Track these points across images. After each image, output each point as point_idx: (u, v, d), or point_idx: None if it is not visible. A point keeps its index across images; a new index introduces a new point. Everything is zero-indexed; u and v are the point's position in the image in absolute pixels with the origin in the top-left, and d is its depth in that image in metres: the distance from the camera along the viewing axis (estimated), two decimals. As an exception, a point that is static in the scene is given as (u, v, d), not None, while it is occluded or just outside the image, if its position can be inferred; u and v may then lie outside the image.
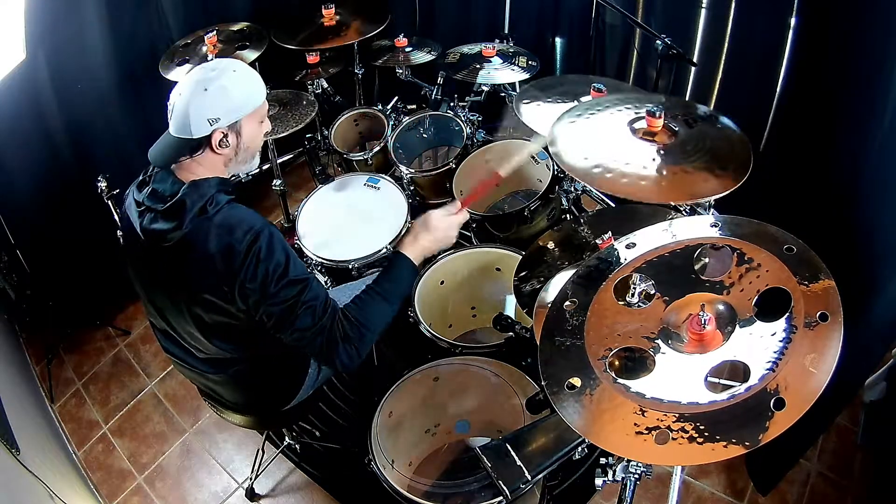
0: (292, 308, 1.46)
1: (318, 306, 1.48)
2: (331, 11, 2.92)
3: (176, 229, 1.45)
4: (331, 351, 1.49)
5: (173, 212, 1.45)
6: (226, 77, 1.47)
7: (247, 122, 1.53)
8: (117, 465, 2.56)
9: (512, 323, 1.91)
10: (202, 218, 1.45)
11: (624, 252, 1.33)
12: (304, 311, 1.46)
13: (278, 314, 1.46)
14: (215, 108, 1.46)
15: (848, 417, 2.31)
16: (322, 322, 1.48)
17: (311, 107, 2.72)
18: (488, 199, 2.78)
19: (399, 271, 1.64)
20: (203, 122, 1.45)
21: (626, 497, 1.35)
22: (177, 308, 1.59)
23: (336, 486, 2.36)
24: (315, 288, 1.50)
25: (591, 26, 3.15)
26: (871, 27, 1.95)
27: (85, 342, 3.03)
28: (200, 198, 1.46)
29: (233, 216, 1.47)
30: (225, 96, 1.46)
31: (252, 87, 1.53)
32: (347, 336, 1.49)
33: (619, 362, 1.21)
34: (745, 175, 1.52)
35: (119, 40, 2.75)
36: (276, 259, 1.45)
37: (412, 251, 1.65)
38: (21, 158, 2.63)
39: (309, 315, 1.47)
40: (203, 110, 1.45)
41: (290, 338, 1.50)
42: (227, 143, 1.51)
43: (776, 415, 0.95)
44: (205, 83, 1.45)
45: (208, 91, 1.44)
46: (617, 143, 1.69)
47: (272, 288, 1.44)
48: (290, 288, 1.46)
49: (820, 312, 1.05)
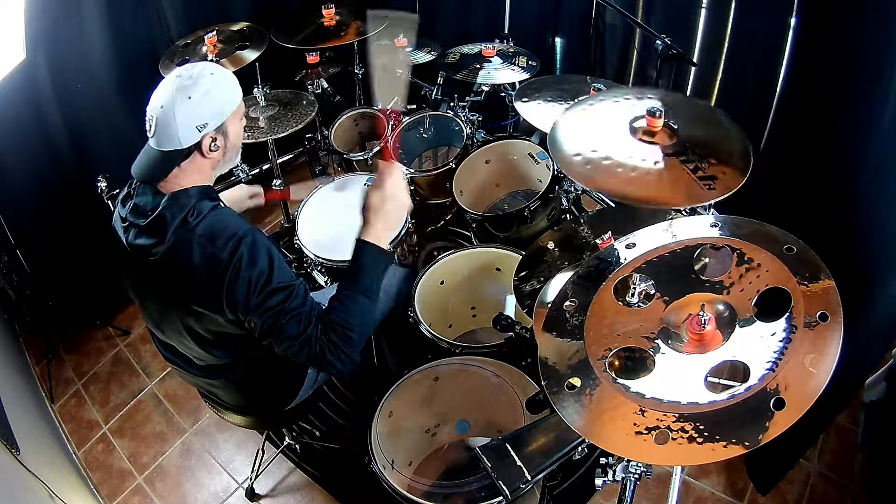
0: (277, 316, 1.42)
1: (304, 315, 1.44)
2: (331, 11, 2.92)
3: (159, 244, 1.44)
4: (322, 360, 1.44)
5: (154, 226, 1.44)
6: (205, 81, 1.45)
7: (231, 121, 1.52)
8: (117, 465, 2.56)
9: (512, 323, 1.91)
10: (184, 229, 1.43)
11: (624, 252, 1.33)
12: (290, 320, 1.42)
13: (263, 323, 1.43)
14: (202, 115, 1.44)
15: (848, 417, 2.31)
16: (308, 332, 1.43)
17: (311, 107, 2.72)
18: (488, 199, 2.78)
19: (364, 260, 1.53)
20: (191, 130, 1.44)
21: (626, 497, 1.36)
22: (170, 318, 1.59)
23: (336, 486, 2.36)
24: (301, 295, 1.46)
25: (591, 26, 3.15)
26: (871, 27, 1.95)
27: (85, 342, 3.03)
28: (181, 209, 1.44)
29: (216, 224, 1.45)
30: (209, 101, 1.45)
31: (231, 86, 1.51)
32: (334, 343, 1.44)
33: (618, 362, 1.21)
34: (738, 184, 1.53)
35: (119, 40, 2.75)
36: (258, 267, 1.42)
37: (370, 234, 1.55)
38: (21, 158, 2.63)
39: (294, 324, 1.42)
40: (190, 119, 1.43)
41: (279, 347, 1.46)
42: (216, 147, 1.50)
43: (776, 415, 0.95)
44: (186, 91, 1.42)
45: (192, 99, 1.42)
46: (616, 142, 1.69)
47: (256, 297, 1.41)
48: (275, 296, 1.42)
49: (820, 312, 1.05)
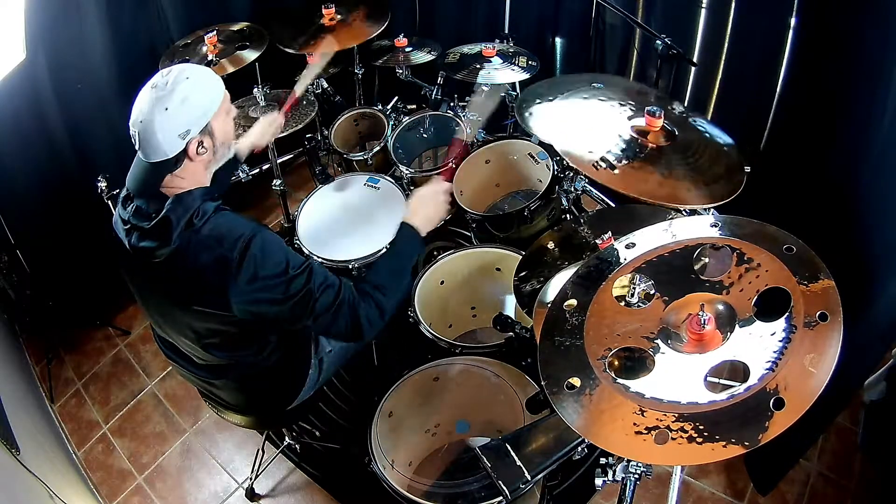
0: (308, 296, 1.48)
1: (331, 284, 1.51)
2: (331, 11, 2.92)
3: (164, 246, 1.43)
4: (354, 317, 1.52)
5: (159, 229, 1.43)
6: (182, 88, 1.41)
7: (215, 120, 1.49)
8: (117, 465, 2.56)
9: (512, 323, 1.91)
10: (190, 231, 1.43)
11: (624, 252, 1.33)
12: (322, 294, 1.49)
13: (294, 306, 1.48)
14: (182, 123, 1.41)
15: (848, 417, 2.31)
16: (341, 297, 1.51)
17: (311, 107, 2.72)
18: (488, 199, 2.78)
19: (404, 234, 1.69)
20: (175, 139, 1.41)
21: (626, 497, 1.36)
22: (171, 318, 1.59)
23: (336, 486, 2.36)
24: (318, 271, 1.52)
25: (591, 26, 3.14)
26: (871, 27, 1.95)
27: (85, 342, 3.02)
28: (185, 211, 1.44)
29: (221, 225, 1.46)
30: (188, 108, 1.42)
31: (209, 86, 1.47)
32: (366, 294, 1.55)
33: (618, 362, 1.21)
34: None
35: (119, 40, 2.74)
36: (275, 260, 1.45)
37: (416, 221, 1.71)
38: (21, 158, 2.63)
39: (325, 296, 1.50)
40: (171, 129, 1.40)
41: (316, 325, 1.52)
42: (203, 149, 1.47)
43: (776, 415, 0.95)
44: (163, 102, 1.39)
45: (169, 109, 1.39)
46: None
47: (282, 288, 1.45)
48: (298, 279, 1.47)
49: (820, 312, 1.05)
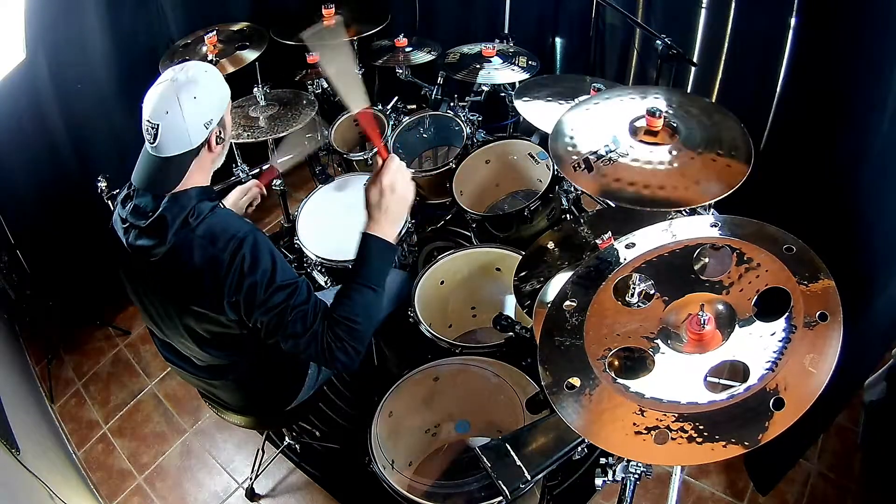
0: (283, 314, 1.44)
1: (309, 311, 1.46)
2: (331, 11, 2.92)
3: (160, 245, 1.45)
4: (328, 355, 1.46)
5: (155, 228, 1.45)
6: (204, 80, 1.47)
7: (226, 113, 1.55)
8: (117, 465, 2.56)
9: (512, 323, 1.91)
10: (185, 230, 1.45)
11: (624, 252, 1.33)
12: (295, 317, 1.44)
13: (269, 321, 1.45)
14: (206, 112, 1.47)
15: (848, 417, 2.31)
16: (314, 328, 1.45)
17: (311, 107, 2.72)
18: (488, 199, 2.78)
19: (368, 252, 1.54)
20: (200, 128, 1.46)
21: (626, 497, 1.35)
22: (169, 318, 1.59)
23: (336, 486, 2.36)
24: (304, 291, 1.48)
25: (591, 26, 3.14)
26: (872, 27, 1.95)
27: (85, 342, 3.03)
28: (181, 210, 1.45)
29: (216, 225, 1.47)
30: (211, 97, 1.48)
31: (222, 80, 1.54)
32: (339, 337, 1.45)
33: (618, 362, 1.20)
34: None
35: (119, 40, 2.74)
36: (262, 266, 1.44)
37: (374, 228, 1.56)
38: (21, 158, 2.63)
39: (300, 321, 1.44)
40: (199, 118, 1.45)
41: (285, 345, 1.47)
42: (221, 140, 1.54)
43: (776, 415, 0.95)
44: (191, 92, 1.44)
45: (198, 98, 1.45)
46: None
47: (261, 295, 1.43)
48: (279, 293, 1.44)
49: (819, 312, 1.04)
